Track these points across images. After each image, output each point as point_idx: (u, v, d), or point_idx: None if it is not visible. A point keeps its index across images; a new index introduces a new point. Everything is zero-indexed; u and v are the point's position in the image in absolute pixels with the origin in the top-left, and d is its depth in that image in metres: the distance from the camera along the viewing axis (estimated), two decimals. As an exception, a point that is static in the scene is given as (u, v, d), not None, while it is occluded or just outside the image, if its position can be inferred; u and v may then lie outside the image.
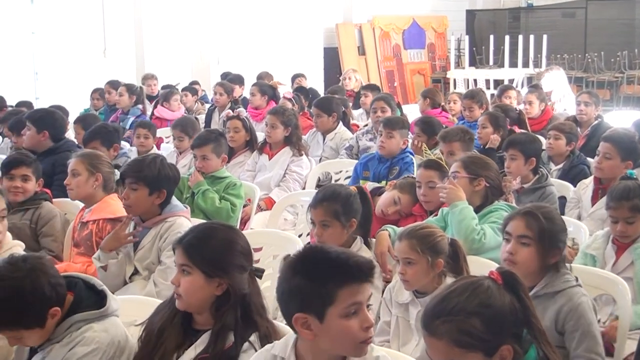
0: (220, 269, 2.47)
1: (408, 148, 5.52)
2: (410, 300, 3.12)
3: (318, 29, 13.92)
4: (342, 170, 5.96)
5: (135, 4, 11.96)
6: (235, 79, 9.59)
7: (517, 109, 6.83)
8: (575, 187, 4.74)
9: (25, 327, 2.41)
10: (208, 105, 9.12)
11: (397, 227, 3.73)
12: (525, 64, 13.43)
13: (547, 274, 2.93)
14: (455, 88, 13.14)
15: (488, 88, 12.34)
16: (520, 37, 13.63)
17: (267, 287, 3.35)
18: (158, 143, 6.46)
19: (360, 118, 8.40)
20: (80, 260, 4.01)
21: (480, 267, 3.21)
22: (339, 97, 7.84)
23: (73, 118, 6.86)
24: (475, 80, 13.31)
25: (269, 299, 3.18)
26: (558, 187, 4.78)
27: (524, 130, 6.34)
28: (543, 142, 5.42)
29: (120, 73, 10.18)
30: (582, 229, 4.01)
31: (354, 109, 8.64)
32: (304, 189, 5.61)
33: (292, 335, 2.23)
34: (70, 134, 6.28)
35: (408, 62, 15.10)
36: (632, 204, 3.47)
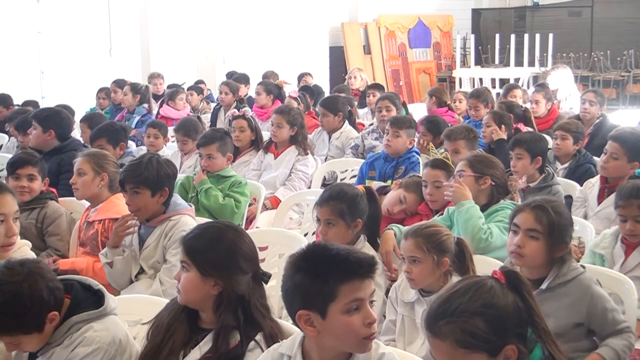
0: (216, 269, 2.47)
1: (414, 148, 5.52)
2: (416, 299, 3.11)
3: (324, 28, 13.92)
4: (347, 169, 5.96)
5: (141, 4, 11.97)
6: (241, 78, 9.60)
7: (522, 106, 6.82)
8: (582, 186, 4.73)
9: (24, 332, 2.39)
10: (213, 105, 9.13)
11: (402, 226, 3.73)
12: (531, 63, 13.40)
13: (554, 267, 2.97)
14: (461, 87, 13.12)
15: (494, 87, 12.31)
16: (526, 36, 13.61)
17: (272, 286, 3.34)
18: (166, 143, 6.46)
19: (366, 117, 8.40)
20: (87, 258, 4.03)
21: (486, 266, 3.21)
22: (345, 96, 7.84)
23: (79, 117, 6.87)
24: (481, 79, 13.28)
25: (275, 298, 3.19)
26: (564, 186, 4.77)
27: (530, 128, 6.34)
28: (549, 141, 5.41)
29: (126, 72, 10.18)
30: (588, 228, 4.00)
31: (360, 108, 8.65)
32: (310, 188, 5.61)
33: (299, 334, 2.24)
34: (76, 133, 6.29)
35: (413, 61, 15.08)
36: None
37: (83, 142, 5.90)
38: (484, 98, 7.25)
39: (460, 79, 13.77)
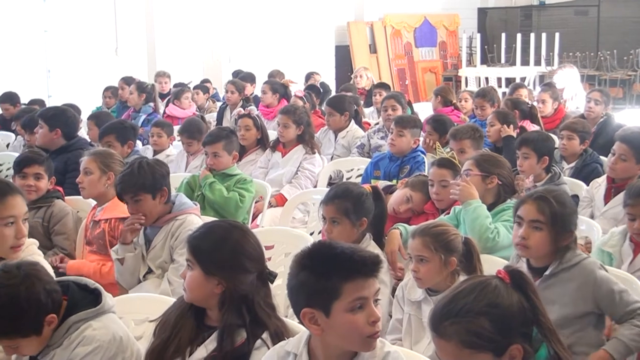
0: (220, 269, 2.47)
1: (420, 147, 5.51)
2: (423, 298, 3.11)
3: (329, 27, 13.92)
4: (353, 169, 5.97)
5: (147, 3, 12.00)
6: (247, 77, 9.61)
7: (529, 103, 6.79)
8: (588, 185, 4.72)
9: (22, 335, 2.38)
10: (219, 103, 9.14)
11: (408, 225, 3.73)
12: (537, 62, 13.38)
13: (558, 254, 3.00)
14: (467, 86, 13.11)
15: (500, 86, 12.31)
16: (532, 35, 13.59)
17: (278, 285, 3.34)
18: (172, 142, 6.46)
19: (372, 116, 8.39)
20: (93, 259, 4.03)
21: (493, 265, 3.19)
22: (352, 95, 7.83)
23: (85, 116, 6.88)
24: (487, 79, 13.27)
25: (281, 297, 3.18)
26: (571, 185, 4.76)
27: (536, 126, 6.32)
28: (556, 140, 5.39)
29: (132, 71, 10.20)
30: (594, 228, 3.99)
31: (365, 107, 8.64)
32: (316, 187, 5.61)
33: (305, 332, 2.24)
34: (83, 132, 6.30)
35: (419, 60, 15.07)
36: None
37: (90, 140, 5.91)
38: (490, 97, 7.23)
39: (466, 78, 13.76)
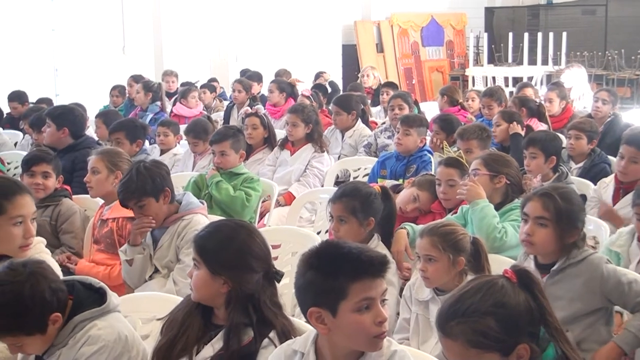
0: (226, 269, 2.47)
1: (426, 146, 5.50)
2: (431, 298, 3.11)
3: (336, 26, 13.91)
4: (360, 168, 5.96)
5: (155, 1, 12.02)
6: (254, 76, 9.61)
7: (536, 101, 6.77)
8: (596, 185, 4.70)
9: (26, 333, 2.38)
10: (226, 103, 9.14)
11: (415, 224, 3.73)
12: (545, 62, 13.35)
13: (565, 251, 3.01)
14: (474, 85, 13.08)
15: (507, 86, 12.28)
16: (540, 34, 13.54)
17: (285, 284, 3.35)
18: (179, 140, 6.47)
19: (378, 115, 8.39)
20: (101, 257, 4.04)
21: (501, 265, 3.18)
22: (359, 94, 7.83)
23: (92, 115, 6.89)
24: (494, 78, 13.25)
25: (288, 296, 3.18)
26: (578, 185, 4.74)
27: (544, 124, 6.30)
28: (563, 140, 5.38)
29: (139, 70, 10.21)
30: (602, 228, 3.98)
31: (372, 107, 8.63)
32: (323, 186, 5.61)
33: (312, 331, 2.24)
34: (90, 131, 6.31)
35: (426, 59, 15.06)
36: None
37: (97, 138, 5.91)
38: (498, 97, 7.21)
39: (473, 78, 13.74)
